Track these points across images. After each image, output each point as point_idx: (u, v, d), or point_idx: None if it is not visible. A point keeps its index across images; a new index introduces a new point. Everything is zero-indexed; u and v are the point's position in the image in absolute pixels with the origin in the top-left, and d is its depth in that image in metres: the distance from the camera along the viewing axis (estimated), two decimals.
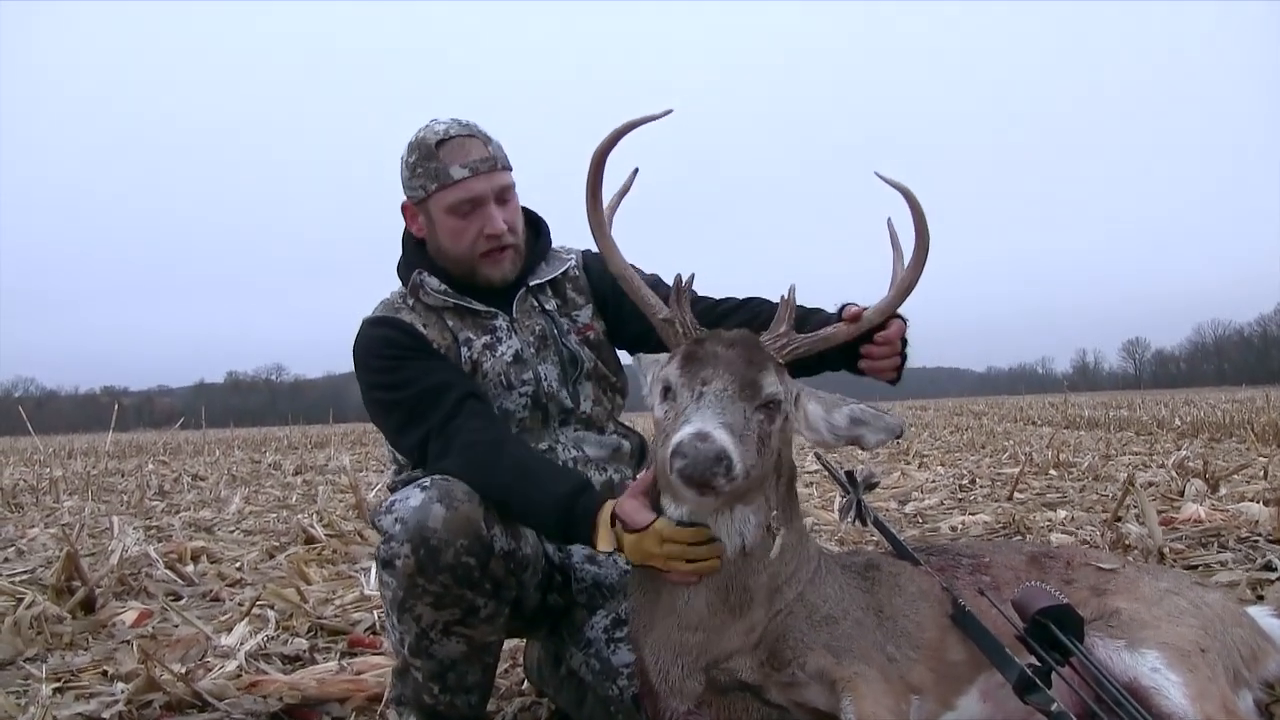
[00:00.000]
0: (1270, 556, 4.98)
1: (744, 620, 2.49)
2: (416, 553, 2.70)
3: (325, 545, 7.07)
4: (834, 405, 2.57)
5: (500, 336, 3.14)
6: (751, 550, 2.47)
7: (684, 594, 2.49)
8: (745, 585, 2.48)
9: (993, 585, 2.75)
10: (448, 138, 3.04)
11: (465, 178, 3.02)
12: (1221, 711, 2.45)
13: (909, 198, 2.60)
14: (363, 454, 20.26)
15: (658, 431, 2.45)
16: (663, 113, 2.63)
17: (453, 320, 3.12)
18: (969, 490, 9.31)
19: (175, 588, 5.89)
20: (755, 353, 2.45)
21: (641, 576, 2.62)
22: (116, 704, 3.51)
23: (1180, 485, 8.13)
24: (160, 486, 13.50)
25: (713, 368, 2.37)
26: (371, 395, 3.05)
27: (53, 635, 4.67)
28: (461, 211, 3.04)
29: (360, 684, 3.66)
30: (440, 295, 3.10)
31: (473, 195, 3.03)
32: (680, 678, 2.52)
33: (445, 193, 3.03)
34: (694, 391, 2.34)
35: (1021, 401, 43.10)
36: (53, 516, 9.81)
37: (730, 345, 2.43)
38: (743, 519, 2.45)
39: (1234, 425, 15.32)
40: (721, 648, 2.49)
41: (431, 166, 3.03)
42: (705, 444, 2.18)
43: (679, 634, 2.51)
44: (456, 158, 3.02)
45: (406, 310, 3.12)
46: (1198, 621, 2.68)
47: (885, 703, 2.39)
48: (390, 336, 3.04)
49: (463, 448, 2.82)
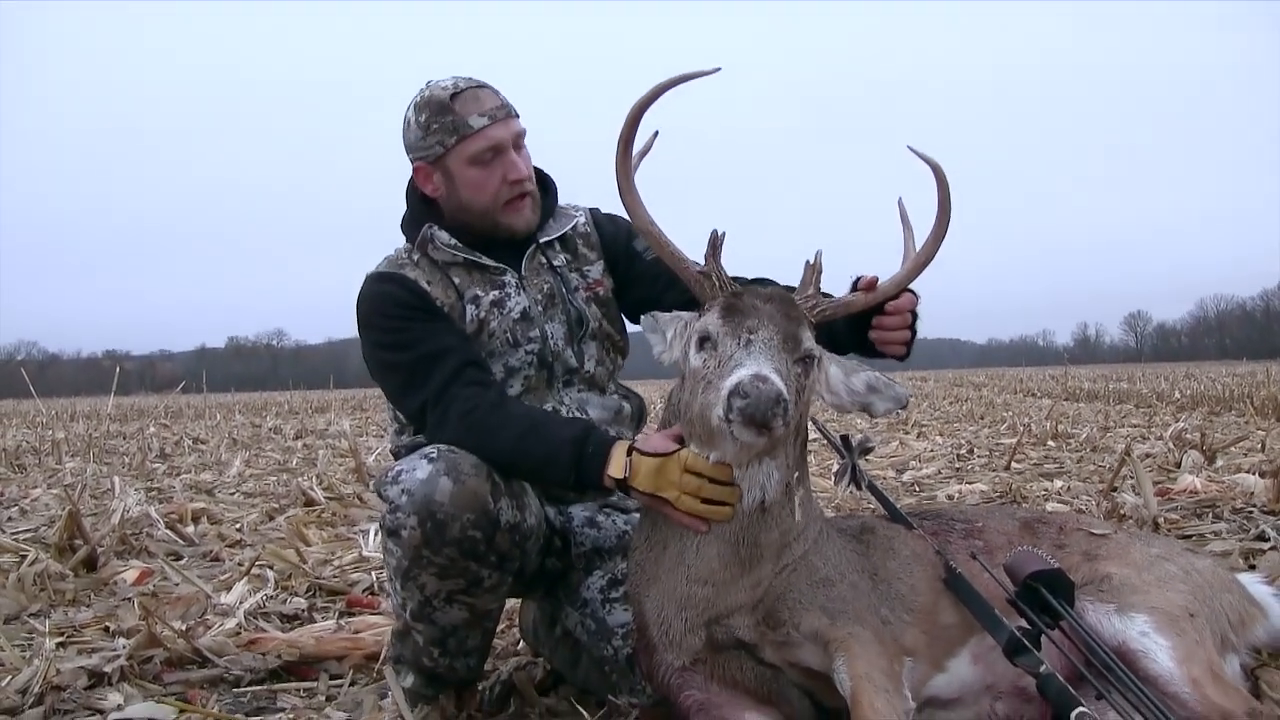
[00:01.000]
0: (1264, 527, 5.00)
1: (751, 575, 2.51)
2: (423, 525, 2.71)
3: (324, 508, 7.11)
4: (853, 370, 2.60)
5: (509, 293, 3.13)
6: (770, 506, 2.49)
7: (694, 546, 2.51)
8: (757, 540, 2.50)
9: (985, 550, 2.77)
10: (459, 90, 3.02)
11: (485, 126, 3.00)
12: (1207, 675, 2.47)
13: (937, 172, 2.63)
14: (363, 419, 20.31)
15: (693, 380, 2.44)
16: (711, 70, 2.63)
17: (459, 276, 3.10)
18: (967, 460, 9.34)
19: (176, 548, 5.93)
20: (792, 308, 2.47)
21: (649, 529, 2.64)
22: (118, 659, 3.53)
23: (1177, 457, 8.16)
24: (161, 449, 13.53)
25: (756, 318, 2.39)
26: (374, 354, 3.05)
27: (55, 592, 4.72)
28: (484, 160, 3.02)
29: (358, 643, 3.69)
30: (450, 249, 3.08)
31: (494, 142, 3.01)
32: (682, 632, 2.54)
33: (466, 143, 3.01)
34: (740, 340, 2.35)
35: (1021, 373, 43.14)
36: (55, 477, 9.82)
37: (769, 300, 2.45)
38: (767, 473, 2.47)
39: (1233, 399, 15.34)
40: (727, 602, 2.51)
41: (448, 120, 3.00)
42: (766, 385, 2.20)
43: (687, 586, 2.53)
44: (473, 108, 3.01)
45: (411, 266, 3.09)
46: (1187, 587, 2.69)
47: (878, 664, 2.40)
48: (395, 294, 3.03)
49: (461, 415, 2.82)
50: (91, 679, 3.43)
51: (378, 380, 3.10)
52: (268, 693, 3.42)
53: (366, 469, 8.53)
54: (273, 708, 3.28)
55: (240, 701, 3.35)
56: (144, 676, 3.49)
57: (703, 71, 2.62)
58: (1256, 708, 2.43)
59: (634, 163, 2.69)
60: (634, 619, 2.71)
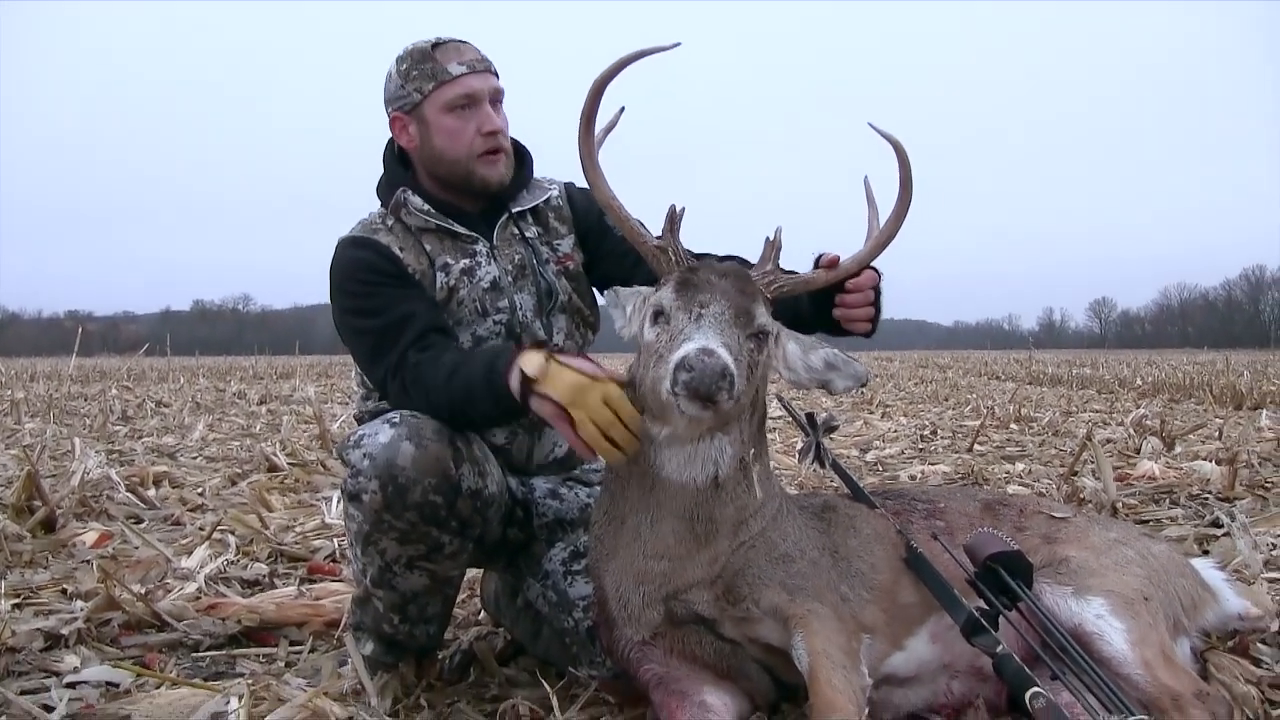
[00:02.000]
0: (1219, 513, 5.07)
1: (708, 550, 2.51)
2: (384, 490, 2.70)
3: (288, 474, 7.08)
4: (811, 347, 2.60)
5: (480, 261, 3.12)
6: (723, 482, 2.49)
7: (649, 520, 2.51)
8: (712, 516, 2.50)
9: (946, 530, 2.79)
10: (441, 41, 3.05)
11: (463, 74, 3.01)
12: (1159, 657, 2.50)
13: (898, 150, 2.62)
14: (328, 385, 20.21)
15: (646, 354, 2.45)
16: (671, 45, 2.62)
17: (431, 243, 3.09)
18: (930, 441, 9.41)
19: (136, 511, 5.86)
20: (747, 284, 2.48)
21: (608, 503, 2.64)
22: (75, 621, 3.50)
23: (1137, 443, 8.27)
24: (124, 412, 13.40)
25: (709, 293, 2.39)
26: (344, 320, 3.03)
27: (12, 553, 4.65)
28: (459, 107, 3.01)
29: (319, 609, 3.68)
30: (423, 215, 3.07)
31: (471, 90, 3.01)
32: (640, 606, 2.55)
33: (443, 89, 3.01)
34: (691, 314, 2.36)
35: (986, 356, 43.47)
36: (14, 438, 9.72)
37: (724, 275, 2.46)
38: (719, 448, 2.47)
39: (1193, 386, 15.55)
40: (684, 578, 2.51)
41: (427, 67, 3.01)
42: (711, 359, 2.21)
43: (644, 561, 2.53)
44: (453, 57, 3.02)
45: (385, 231, 3.07)
46: (1143, 571, 2.73)
47: (836, 640, 2.42)
48: (367, 259, 3.01)
49: (414, 380, 2.81)
50: (48, 641, 3.40)
51: (347, 344, 3.08)
52: (227, 658, 3.40)
53: (331, 436, 8.48)
54: (232, 672, 3.26)
55: (199, 666, 3.33)
56: (101, 639, 3.47)
57: (662, 47, 2.60)
58: (1204, 689, 2.47)
59: (599, 138, 2.69)
60: (594, 593, 2.72)
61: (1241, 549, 4.02)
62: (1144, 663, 2.48)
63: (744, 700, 2.62)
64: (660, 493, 2.50)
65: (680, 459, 2.47)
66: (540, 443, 3.21)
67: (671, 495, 2.49)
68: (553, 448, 3.23)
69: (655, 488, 2.51)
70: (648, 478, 2.51)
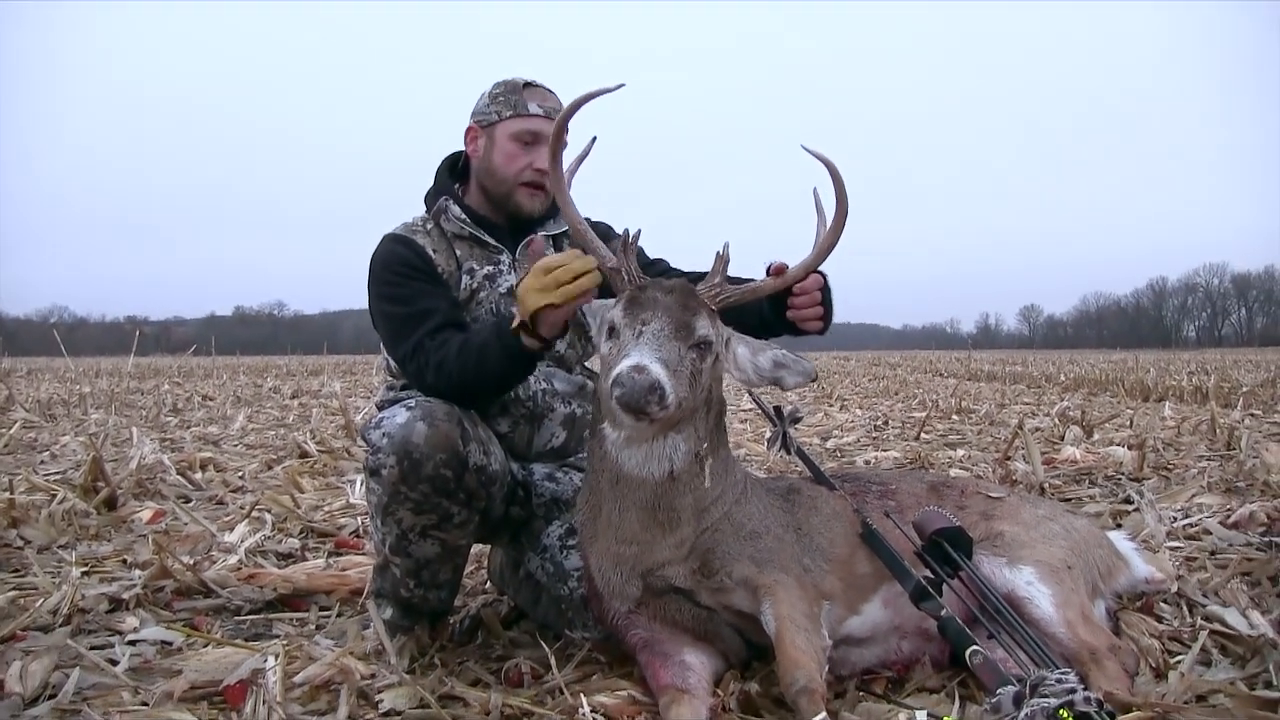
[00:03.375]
0: (1130, 492, 5.10)
1: (673, 535, 2.49)
2: (401, 464, 2.71)
3: (317, 460, 7.04)
4: (760, 349, 2.57)
5: (502, 270, 3.14)
6: (679, 475, 2.46)
7: (618, 510, 2.50)
8: (672, 505, 2.48)
9: (897, 509, 2.79)
10: (533, 84, 3.12)
11: (537, 114, 3.07)
12: (1080, 618, 2.52)
13: (831, 169, 2.57)
14: (352, 381, 20.11)
15: (601, 366, 2.45)
16: (615, 86, 2.60)
17: (462, 249, 3.12)
18: (882, 430, 9.40)
19: (185, 491, 5.85)
20: (690, 299, 2.44)
21: (587, 493, 2.63)
22: (134, 588, 3.51)
23: (1061, 431, 8.29)
24: (174, 404, 13.30)
25: (652, 310, 2.37)
26: (377, 304, 3.04)
27: (80, 528, 4.68)
28: (523, 140, 3.07)
29: (345, 579, 3.66)
30: (459, 222, 3.12)
31: (538, 130, 3.05)
32: (620, 583, 2.54)
33: (516, 120, 3.07)
34: (634, 330, 2.34)
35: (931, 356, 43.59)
36: (81, 427, 9.64)
37: (669, 292, 2.43)
38: (673, 445, 2.45)
39: (1109, 382, 15.63)
40: (653, 559, 2.50)
41: (513, 98, 3.08)
42: (641, 375, 2.19)
43: (617, 546, 2.52)
44: (536, 98, 3.09)
45: (423, 234, 3.11)
46: (1067, 543, 2.74)
47: (800, 606, 2.42)
48: (404, 255, 3.03)
49: (429, 360, 2.82)
50: (111, 604, 3.42)
51: (376, 325, 3.09)
52: (265, 621, 3.38)
53: (355, 426, 8.44)
54: (269, 634, 3.24)
55: (240, 628, 3.31)
56: (156, 604, 3.47)
57: (607, 88, 2.58)
58: (1116, 644, 2.50)
59: (571, 166, 2.69)
60: (583, 569, 2.71)
61: (1149, 522, 4.07)
62: (1067, 622, 2.50)
63: (719, 659, 2.61)
64: (624, 486, 2.48)
65: (639, 456, 2.45)
66: (539, 433, 3.20)
67: (634, 488, 2.47)
68: (550, 438, 3.22)
69: (619, 482, 2.48)
70: (613, 473, 2.49)
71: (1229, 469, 5.77)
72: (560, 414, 3.20)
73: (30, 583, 3.63)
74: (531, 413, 3.15)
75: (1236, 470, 5.66)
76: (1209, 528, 4.19)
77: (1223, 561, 3.62)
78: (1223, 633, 2.86)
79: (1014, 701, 2.06)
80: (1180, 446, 7.19)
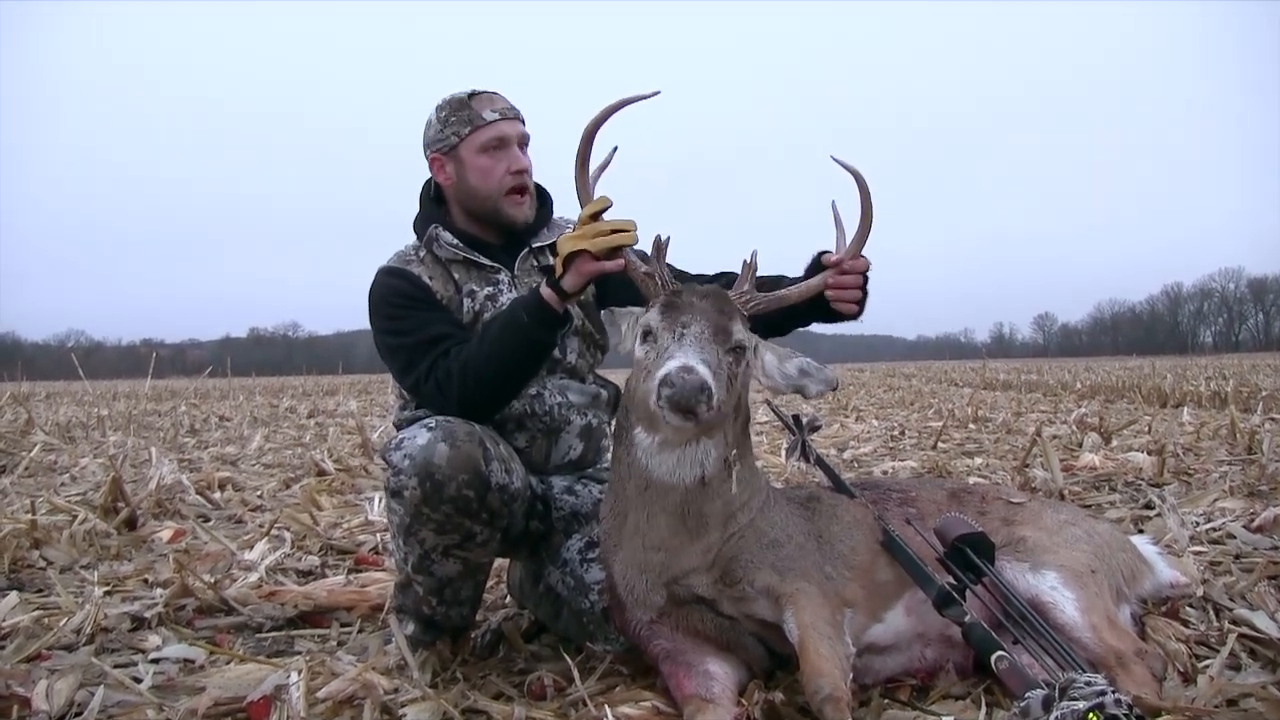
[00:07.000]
0: (1151, 497, 5.06)
1: (700, 542, 2.49)
2: (423, 485, 2.70)
3: (334, 478, 7.04)
4: (786, 356, 2.58)
5: (502, 289, 3.13)
6: (709, 480, 2.47)
7: (646, 516, 2.50)
8: (701, 511, 2.48)
9: (918, 516, 2.78)
10: (477, 92, 3.11)
11: (496, 119, 3.06)
12: (1105, 622, 2.50)
13: (859, 180, 2.60)
14: (368, 401, 20.15)
15: (637, 369, 2.45)
16: (651, 93, 2.62)
17: (459, 273, 3.11)
18: (899, 440, 9.36)
19: (205, 511, 5.88)
20: (725, 304, 2.46)
21: (611, 501, 2.63)
22: (156, 606, 3.53)
23: (1079, 438, 8.24)
24: (191, 425, 13.39)
25: (690, 314, 2.38)
26: (381, 338, 3.05)
27: (101, 548, 4.71)
28: (491, 148, 3.06)
29: (364, 595, 3.67)
30: (452, 248, 3.10)
31: (502, 134, 3.06)
32: (645, 591, 2.53)
33: (478, 133, 3.06)
34: (675, 333, 2.35)
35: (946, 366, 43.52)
36: (100, 448, 9.70)
37: (704, 296, 2.44)
38: (705, 450, 2.45)
39: (1125, 388, 15.52)
40: (680, 566, 2.50)
41: (465, 114, 3.07)
42: (691, 375, 2.20)
43: (644, 553, 2.52)
44: (487, 105, 3.08)
45: (417, 263, 3.10)
46: (1089, 547, 2.73)
47: (822, 614, 2.41)
48: (400, 287, 3.03)
49: (446, 371, 2.83)
50: (134, 623, 3.44)
51: (384, 358, 3.10)
52: (286, 638, 3.39)
53: (371, 444, 8.46)
54: (290, 650, 3.25)
55: (262, 645, 3.33)
56: (178, 622, 3.48)
57: (642, 95, 2.61)
58: (1142, 648, 2.49)
59: (593, 175, 2.69)
60: (606, 579, 2.71)
61: (1171, 527, 4.03)
62: (1092, 627, 2.48)
63: (743, 669, 2.60)
64: (653, 492, 2.48)
65: (670, 462, 2.45)
66: (557, 446, 3.20)
67: (663, 494, 2.47)
68: (568, 450, 3.22)
69: (649, 487, 2.48)
70: (642, 479, 2.49)
71: (1251, 473, 5.71)
72: (577, 426, 3.20)
73: (53, 602, 3.64)
74: (549, 426, 3.15)
75: (1259, 474, 5.60)
76: (1233, 531, 4.17)
77: (1248, 565, 3.60)
78: (1251, 636, 2.84)
79: (1043, 705, 2.04)
80: (1200, 451, 7.13)
